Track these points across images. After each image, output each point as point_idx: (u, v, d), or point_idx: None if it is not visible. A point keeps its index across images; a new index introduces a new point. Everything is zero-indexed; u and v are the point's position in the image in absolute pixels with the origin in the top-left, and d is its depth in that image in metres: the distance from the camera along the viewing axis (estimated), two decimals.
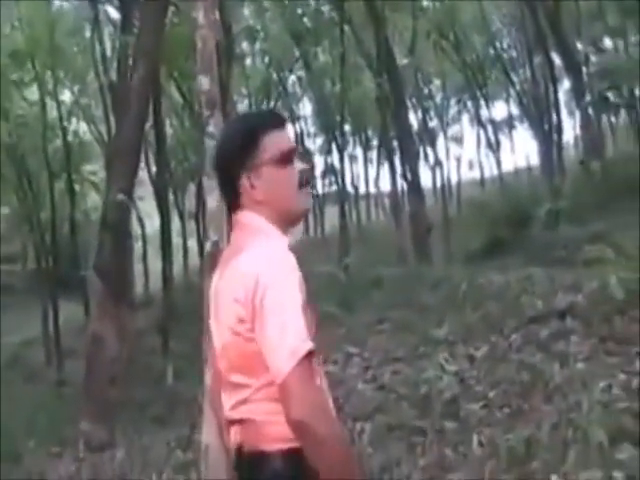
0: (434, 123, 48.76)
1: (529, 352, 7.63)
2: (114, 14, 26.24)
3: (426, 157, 41.33)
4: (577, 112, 33.10)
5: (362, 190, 52.84)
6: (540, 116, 36.30)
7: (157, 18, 13.00)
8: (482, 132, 47.50)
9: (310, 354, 2.26)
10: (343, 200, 36.54)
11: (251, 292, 2.30)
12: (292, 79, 41.78)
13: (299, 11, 32.16)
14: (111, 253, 12.15)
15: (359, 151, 51.69)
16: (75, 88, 33.17)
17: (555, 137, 34.72)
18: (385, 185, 41.49)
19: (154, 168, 28.89)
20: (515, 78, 41.65)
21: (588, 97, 27.55)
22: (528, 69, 38.29)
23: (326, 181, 47.10)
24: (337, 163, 38.40)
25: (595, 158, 25.62)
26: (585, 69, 32.00)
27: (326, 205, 46.80)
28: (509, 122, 52.16)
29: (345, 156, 39.75)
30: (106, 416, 11.49)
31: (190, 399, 9.14)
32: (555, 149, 34.41)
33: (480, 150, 52.34)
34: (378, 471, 5.89)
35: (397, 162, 26.59)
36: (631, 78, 25.15)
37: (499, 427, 6.03)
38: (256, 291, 2.30)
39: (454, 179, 51.46)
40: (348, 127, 43.35)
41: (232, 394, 2.47)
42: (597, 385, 6.06)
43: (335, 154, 38.73)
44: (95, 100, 32.27)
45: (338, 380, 8.74)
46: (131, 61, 14.29)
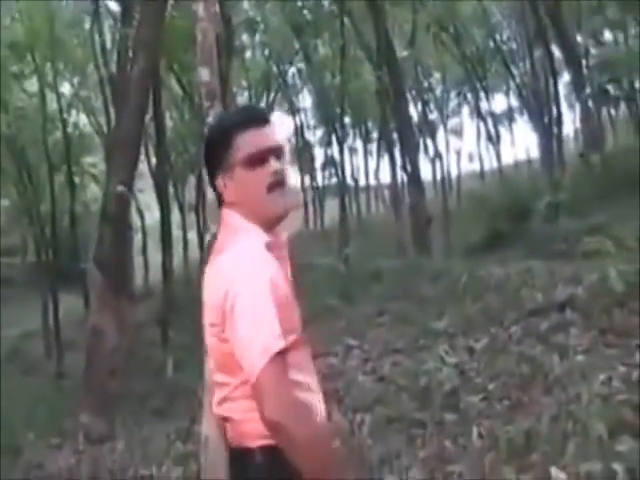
0: (434, 116, 48.69)
1: (529, 344, 7.64)
2: (114, 6, 26.31)
3: (426, 149, 41.31)
4: (577, 105, 33.05)
5: (362, 182, 52.91)
6: (540, 109, 36.20)
7: (157, 10, 13.01)
8: (482, 125, 47.51)
9: (283, 352, 2.27)
10: (343, 192, 36.53)
11: (221, 297, 2.33)
12: (292, 71, 41.84)
13: (299, 3, 32.07)
14: (111, 245, 12.17)
15: (359, 143, 51.75)
16: (75, 80, 33.16)
17: (555, 130, 34.61)
18: (385, 177, 41.51)
19: (154, 160, 28.90)
20: (515, 71, 41.50)
21: (588, 90, 27.47)
22: (528, 62, 38.09)
23: (326, 173, 47.15)
24: (337, 155, 38.39)
25: (595, 151, 25.57)
26: (585, 62, 31.95)
27: (326, 197, 46.80)
28: (509, 115, 52.13)
29: (345, 148, 39.73)
30: (106, 408, 11.51)
31: (190, 391, 9.15)
32: (555, 142, 34.31)
33: (480, 143, 52.41)
34: (378, 463, 5.91)
35: (397, 154, 26.55)
36: (631, 71, 25.11)
37: (499, 419, 6.04)
38: (226, 297, 2.32)
39: (454, 172, 51.60)
40: (348, 119, 43.31)
41: (217, 392, 2.50)
42: (597, 377, 6.06)
43: (335, 146, 38.72)
44: (95, 92, 32.16)
45: (338, 372, 8.78)
46: (131, 53, 14.29)
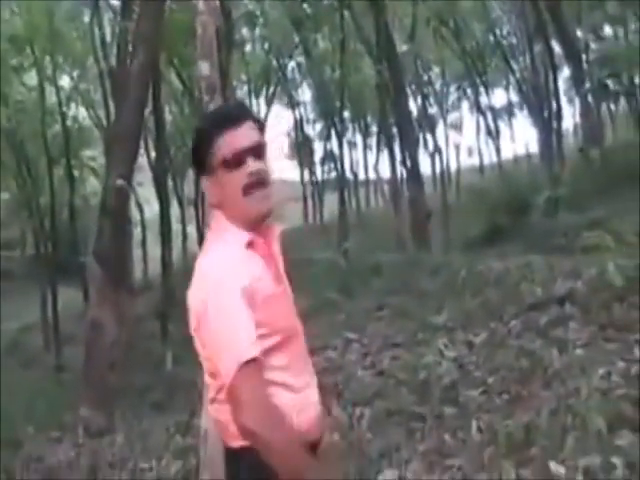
0: (434, 110, 48.63)
1: (528, 339, 7.64)
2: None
3: (425, 144, 41.30)
4: (577, 100, 33.12)
5: (361, 177, 52.82)
6: (540, 104, 36.20)
7: (157, 4, 13.02)
8: (482, 119, 47.58)
9: (258, 358, 2.27)
10: (342, 187, 36.55)
11: (197, 305, 2.35)
12: (292, 65, 41.83)
13: None
14: (110, 239, 12.17)
15: (359, 137, 51.69)
16: (74, 73, 33.10)
17: (555, 125, 34.58)
18: (384, 171, 41.35)
19: (153, 154, 28.86)
20: (515, 65, 41.51)
21: (588, 85, 27.47)
22: (528, 56, 38.09)
23: (325, 167, 47.09)
24: (336, 149, 38.40)
25: (594, 146, 25.57)
26: (585, 57, 31.92)
27: (325, 192, 46.76)
28: (509, 109, 52.13)
29: (344, 142, 39.76)
30: (105, 402, 11.53)
31: (189, 384, 9.15)
32: (554, 137, 34.32)
33: (479, 137, 52.38)
34: (377, 456, 5.92)
35: (396, 149, 26.53)
36: (631, 66, 25.07)
37: (498, 413, 6.05)
38: (199, 305, 2.34)
39: (453, 166, 51.53)
40: (348, 113, 43.29)
41: (208, 392, 2.53)
42: (596, 372, 6.06)
43: (334, 140, 38.71)
44: (94, 85, 32.13)
45: (337, 366, 8.78)
46: (131, 47, 14.30)
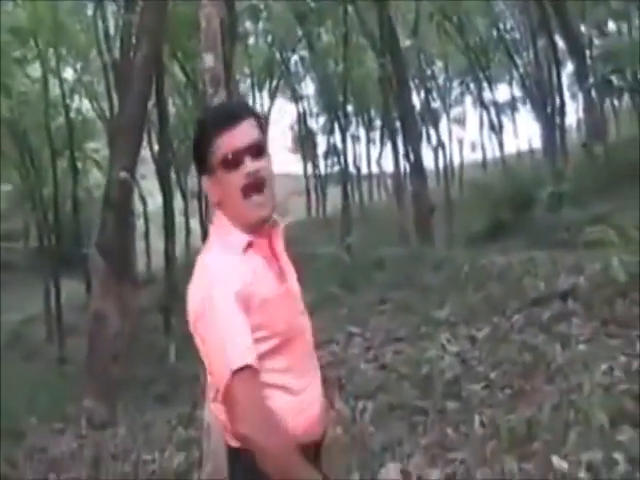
0: (437, 104, 48.49)
1: (531, 333, 7.67)
2: None
3: (429, 138, 41.24)
4: (580, 95, 32.99)
5: (364, 171, 52.60)
6: (543, 99, 36.18)
7: None
8: (485, 114, 47.49)
9: (255, 361, 2.26)
10: (345, 180, 36.48)
11: (195, 306, 2.34)
12: (295, 59, 41.80)
13: None
14: (113, 231, 12.19)
15: (362, 131, 51.49)
16: (78, 65, 33.03)
17: (558, 120, 34.52)
18: (387, 166, 41.34)
19: (157, 147, 28.86)
20: (518, 61, 41.43)
21: (591, 80, 27.48)
22: (531, 51, 38.04)
23: (328, 161, 47.02)
24: (339, 143, 38.42)
25: (598, 141, 25.58)
26: (589, 52, 31.92)
27: (328, 185, 46.68)
28: (512, 104, 52.01)
29: (348, 136, 39.59)
30: (108, 393, 11.55)
31: (192, 377, 9.16)
32: (558, 132, 34.23)
33: (483, 132, 52.19)
34: (379, 450, 5.93)
35: (400, 143, 26.46)
36: (634, 61, 25.06)
37: (500, 408, 6.06)
38: (194, 307, 2.34)
39: (456, 161, 51.50)
40: (351, 107, 43.11)
41: (210, 390, 2.53)
42: (598, 367, 6.08)
43: (338, 134, 38.69)
44: (98, 78, 32.11)
45: (340, 360, 8.79)
46: (134, 39, 14.28)
